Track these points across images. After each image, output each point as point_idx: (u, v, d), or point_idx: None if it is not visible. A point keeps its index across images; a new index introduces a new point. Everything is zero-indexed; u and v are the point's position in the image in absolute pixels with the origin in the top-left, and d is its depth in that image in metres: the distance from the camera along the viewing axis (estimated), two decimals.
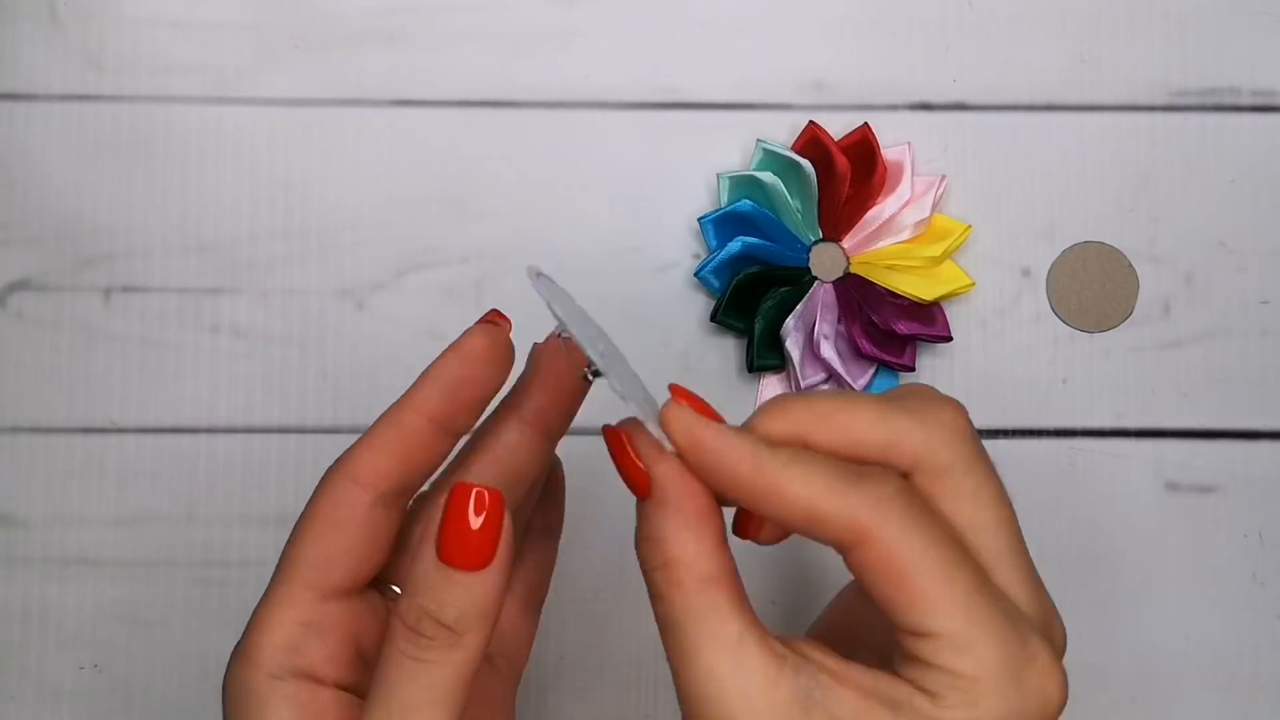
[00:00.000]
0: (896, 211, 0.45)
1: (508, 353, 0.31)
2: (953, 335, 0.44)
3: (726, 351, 0.45)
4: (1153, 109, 0.46)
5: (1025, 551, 0.28)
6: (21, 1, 0.46)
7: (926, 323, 0.44)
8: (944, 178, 0.45)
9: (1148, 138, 0.46)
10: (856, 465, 0.27)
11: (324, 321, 0.45)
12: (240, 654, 0.29)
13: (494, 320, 0.31)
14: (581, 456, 0.36)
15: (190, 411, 0.45)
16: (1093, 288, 0.46)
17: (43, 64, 0.46)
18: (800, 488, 0.26)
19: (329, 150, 0.46)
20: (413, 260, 0.45)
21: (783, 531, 0.30)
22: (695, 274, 0.44)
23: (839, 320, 0.44)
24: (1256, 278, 0.46)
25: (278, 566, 0.30)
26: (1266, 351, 0.45)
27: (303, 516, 0.30)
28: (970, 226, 0.45)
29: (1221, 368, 0.45)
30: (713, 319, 0.44)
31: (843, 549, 0.27)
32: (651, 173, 0.46)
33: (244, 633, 0.30)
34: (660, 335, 0.45)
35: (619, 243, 0.46)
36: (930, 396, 0.29)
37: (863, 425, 0.28)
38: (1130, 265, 0.46)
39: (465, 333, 0.30)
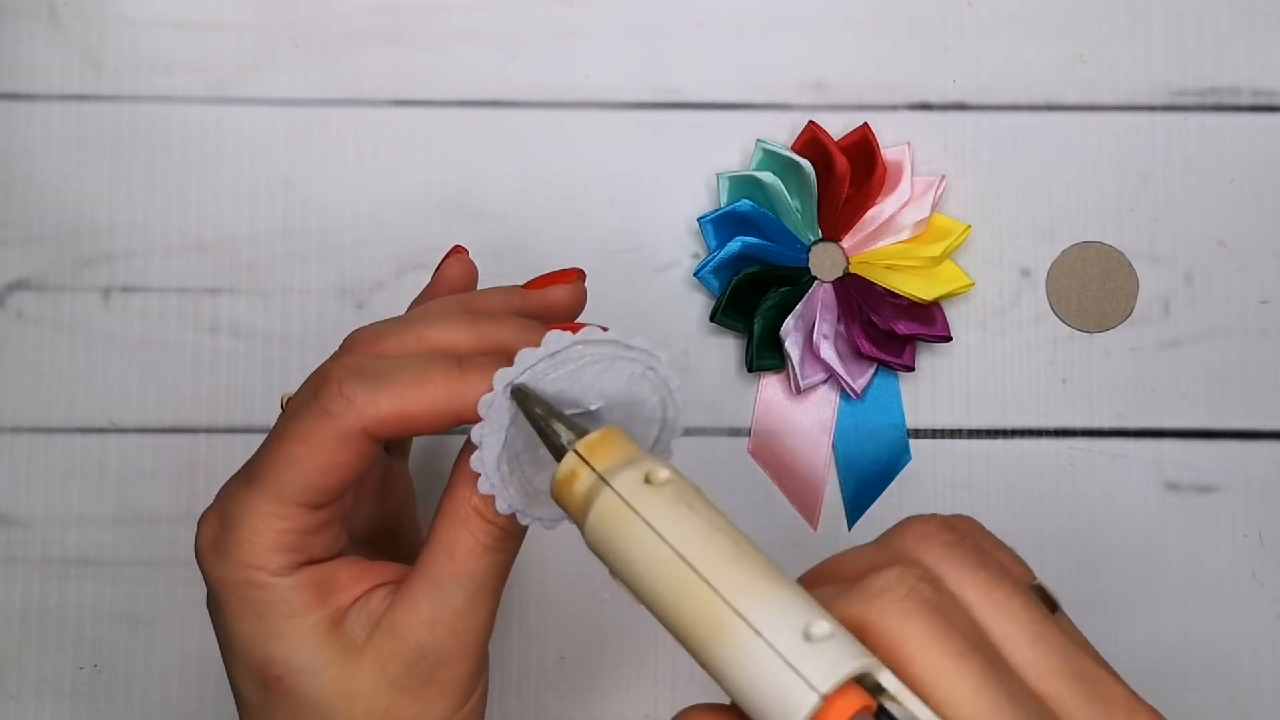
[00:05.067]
0: (896, 211, 0.45)
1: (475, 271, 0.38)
2: (952, 335, 0.44)
3: (726, 351, 0.45)
4: (1153, 109, 0.46)
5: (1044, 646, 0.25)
6: (21, 1, 0.46)
7: (926, 323, 0.44)
8: (943, 178, 0.45)
9: (1148, 138, 0.46)
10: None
11: (324, 321, 0.45)
12: (230, 556, 0.30)
13: (459, 251, 0.37)
14: None
15: (190, 411, 0.45)
16: (1092, 288, 0.46)
17: (42, 64, 0.46)
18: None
19: (329, 150, 0.46)
20: (412, 260, 0.45)
21: None
22: (695, 274, 0.44)
23: (839, 320, 0.44)
24: (1256, 278, 0.46)
25: (261, 471, 0.30)
26: (1266, 351, 0.45)
27: (299, 440, 0.30)
28: (970, 226, 0.45)
29: (1221, 368, 0.45)
30: (712, 319, 0.44)
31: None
32: (651, 173, 0.46)
33: (222, 527, 0.30)
34: (660, 335, 0.45)
35: (619, 243, 0.46)
36: (871, 565, 0.26)
37: None
38: (1130, 265, 0.46)
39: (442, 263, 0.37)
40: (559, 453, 0.27)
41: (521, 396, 0.29)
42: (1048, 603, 0.26)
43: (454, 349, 0.31)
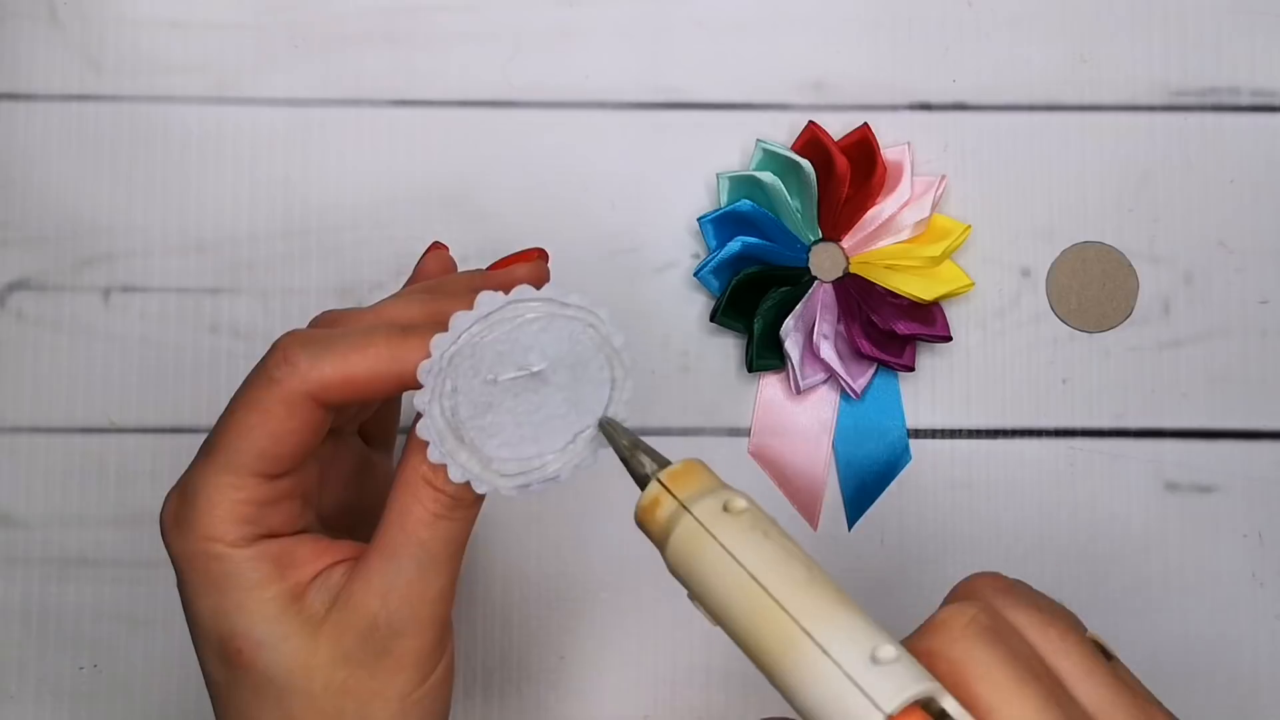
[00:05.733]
0: (896, 211, 0.45)
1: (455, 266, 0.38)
2: (952, 335, 0.44)
3: (726, 351, 0.45)
4: (1153, 109, 0.46)
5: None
6: (21, 1, 0.46)
7: (926, 323, 0.44)
8: (944, 178, 0.45)
9: (1148, 138, 0.46)
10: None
11: None
12: (190, 529, 0.30)
13: (438, 246, 0.38)
14: None
15: (190, 411, 0.45)
16: (1092, 288, 0.46)
17: (42, 64, 0.46)
18: None
19: (329, 150, 0.46)
20: (412, 260, 0.45)
21: None
22: (695, 274, 0.44)
23: (839, 320, 0.44)
24: (1256, 278, 0.46)
25: (215, 443, 0.30)
26: (1266, 351, 0.45)
27: (249, 408, 0.30)
28: (970, 226, 0.45)
29: (1221, 368, 0.45)
30: (712, 319, 0.44)
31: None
32: (651, 173, 0.46)
33: (182, 502, 0.31)
34: (660, 335, 0.45)
35: (619, 243, 0.46)
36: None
37: None
38: (1130, 265, 0.46)
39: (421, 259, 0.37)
40: (643, 481, 0.28)
41: (608, 430, 0.30)
42: (1103, 653, 0.27)
43: (406, 321, 0.31)
